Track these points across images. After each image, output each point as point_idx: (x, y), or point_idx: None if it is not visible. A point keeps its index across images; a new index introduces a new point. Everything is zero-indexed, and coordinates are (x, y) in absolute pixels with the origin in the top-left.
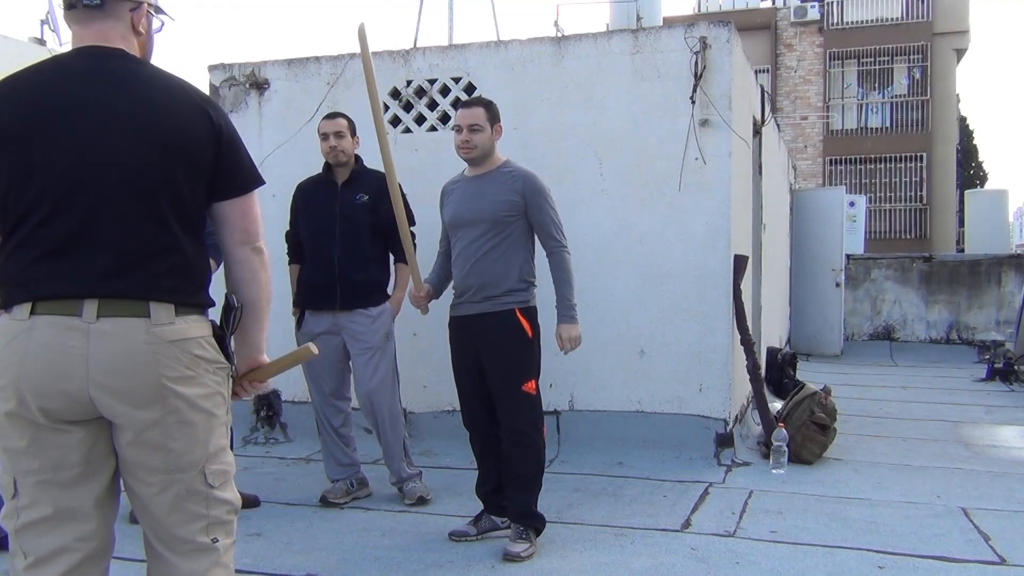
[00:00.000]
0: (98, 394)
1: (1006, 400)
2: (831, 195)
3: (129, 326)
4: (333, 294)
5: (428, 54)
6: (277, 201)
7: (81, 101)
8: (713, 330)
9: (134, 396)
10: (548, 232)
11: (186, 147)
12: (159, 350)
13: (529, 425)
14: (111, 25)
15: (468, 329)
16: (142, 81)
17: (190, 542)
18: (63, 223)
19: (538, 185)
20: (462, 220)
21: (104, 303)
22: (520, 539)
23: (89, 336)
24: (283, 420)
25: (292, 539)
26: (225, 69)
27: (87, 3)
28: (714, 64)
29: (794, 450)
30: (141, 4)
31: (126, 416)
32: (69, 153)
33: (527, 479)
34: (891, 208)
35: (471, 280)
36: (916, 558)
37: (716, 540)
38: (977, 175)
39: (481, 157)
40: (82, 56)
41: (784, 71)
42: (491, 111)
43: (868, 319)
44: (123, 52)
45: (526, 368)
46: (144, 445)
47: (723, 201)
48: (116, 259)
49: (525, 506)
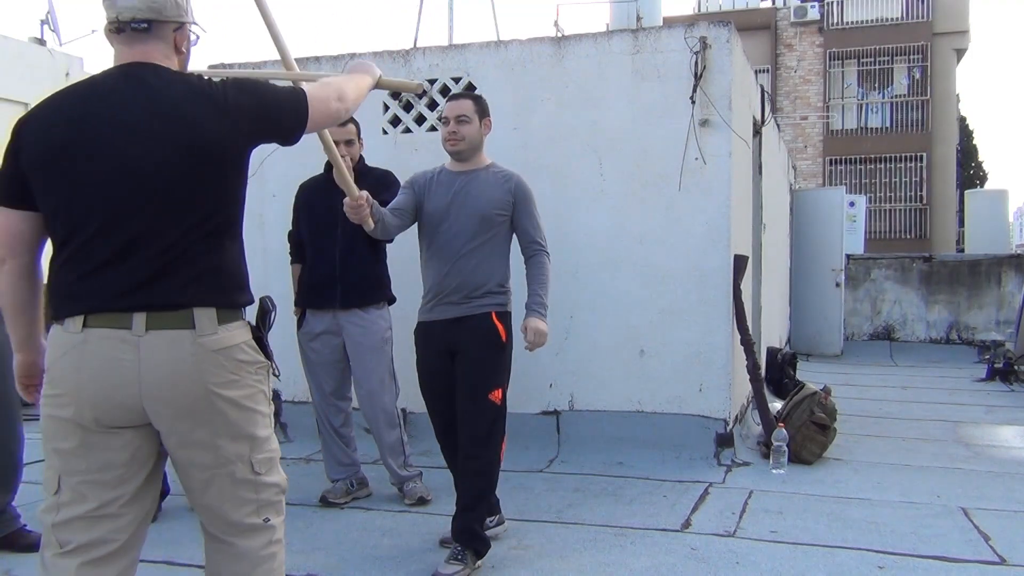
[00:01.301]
0: (150, 403)
1: (1006, 400)
2: (831, 195)
3: (176, 338)
4: (334, 293)
5: (428, 54)
6: (278, 201)
7: (121, 122)
8: (713, 330)
9: (183, 403)
10: (532, 236)
11: (220, 153)
12: (204, 359)
13: (485, 436)
14: (155, 46)
15: (442, 333)
16: (179, 99)
17: (244, 524)
18: (109, 238)
19: (528, 187)
20: (448, 213)
21: (152, 315)
22: (455, 560)
23: (140, 349)
24: (283, 420)
25: (292, 539)
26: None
27: (135, 27)
28: (714, 64)
29: (794, 450)
30: (184, 24)
31: (176, 422)
32: (112, 171)
33: (473, 497)
34: (891, 208)
35: (451, 280)
36: (916, 558)
37: (716, 540)
38: (977, 175)
39: (468, 151)
40: (122, 76)
41: (784, 71)
42: (479, 104)
43: (868, 319)
44: (157, 68)
45: (496, 375)
46: (193, 446)
47: (723, 201)
48: (159, 270)
49: (467, 525)
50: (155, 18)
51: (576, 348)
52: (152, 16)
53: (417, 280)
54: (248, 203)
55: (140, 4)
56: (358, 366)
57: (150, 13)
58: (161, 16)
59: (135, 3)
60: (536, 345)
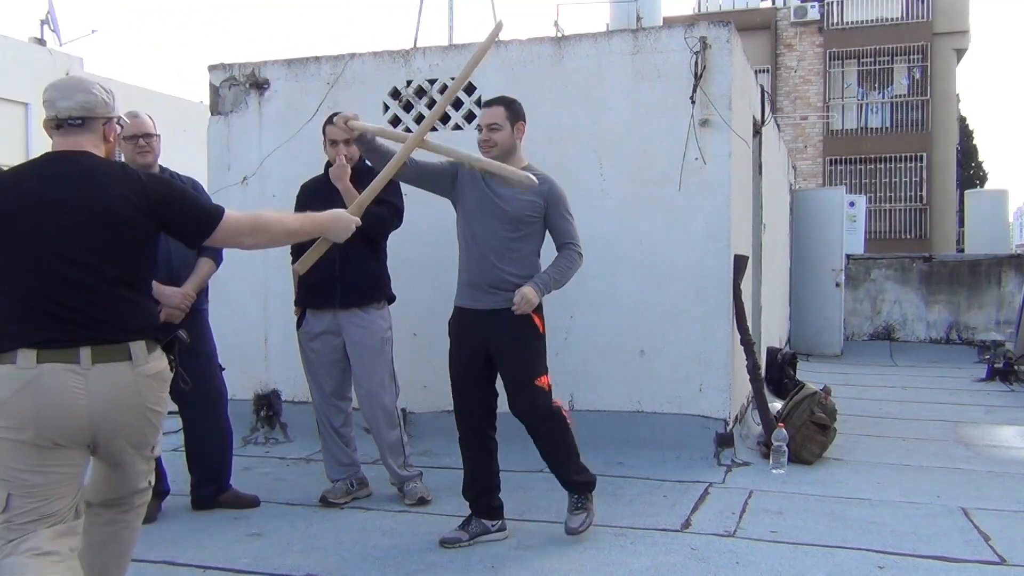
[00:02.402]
0: (99, 422)
1: (1006, 400)
2: (831, 195)
3: (118, 369)
4: (333, 293)
5: (428, 54)
6: (277, 201)
7: (44, 198)
8: (713, 330)
9: (124, 420)
10: (566, 237)
11: (133, 222)
12: (141, 384)
13: (546, 417)
14: (87, 138)
15: (477, 323)
16: (91, 174)
17: (139, 488)
18: (48, 289)
19: (560, 190)
20: (483, 212)
21: (96, 349)
22: (577, 510)
23: (89, 379)
24: (283, 420)
25: (292, 539)
26: (225, 69)
27: (71, 123)
28: (714, 64)
29: (794, 450)
30: (111, 119)
31: (116, 435)
32: (41, 237)
33: (561, 453)
34: (891, 208)
35: (485, 275)
36: (916, 558)
37: (716, 540)
38: (977, 175)
39: (501, 156)
40: (54, 161)
41: (784, 71)
42: (512, 110)
43: (868, 319)
44: (85, 154)
45: (538, 364)
46: (124, 444)
47: (723, 201)
48: (96, 313)
49: (568, 478)
50: (87, 115)
51: (576, 348)
52: (85, 114)
53: (417, 281)
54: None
55: (75, 104)
56: (358, 366)
57: (83, 112)
58: (92, 114)
59: (71, 104)
60: (519, 309)
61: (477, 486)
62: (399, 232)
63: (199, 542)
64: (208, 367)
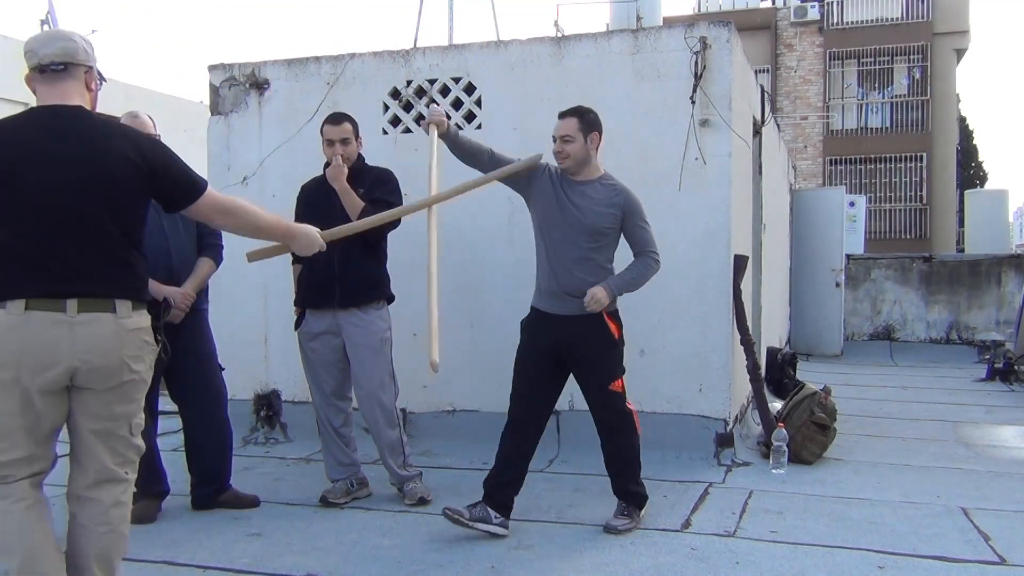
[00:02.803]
0: (83, 367)
1: (1006, 400)
2: (831, 195)
3: (101, 319)
4: (332, 292)
5: (428, 54)
6: (277, 201)
7: (50, 153)
8: (713, 330)
9: (103, 364)
10: (646, 244)
11: (125, 180)
12: (123, 336)
13: (619, 420)
14: (72, 85)
15: (552, 327)
16: (93, 131)
17: (113, 473)
18: (41, 242)
19: (637, 201)
20: (562, 221)
21: (82, 301)
22: (622, 515)
23: (73, 327)
24: (283, 420)
25: (292, 539)
26: (225, 69)
27: (54, 68)
28: (714, 64)
29: (794, 450)
30: (92, 68)
31: (98, 381)
32: (44, 192)
33: (622, 466)
34: (891, 208)
35: (562, 283)
36: (916, 558)
37: (716, 540)
38: (977, 175)
39: (575, 166)
40: (53, 116)
41: (784, 71)
42: (585, 121)
43: (868, 319)
44: (79, 110)
45: (614, 369)
46: (97, 406)
47: (723, 201)
48: (87, 268)
49: (623, 487)
50: (69, 61)
51: None
52: (67, 59)
53: (417, 281)
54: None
55: (56, 50)
56: (357, 366)
57: (65, 57)
58: (74, 59)
59: (52, 50)
60: (589, 307)
61: (501, 478)
62: (399, 233)
63: (199, 542)
64: (208, 367)
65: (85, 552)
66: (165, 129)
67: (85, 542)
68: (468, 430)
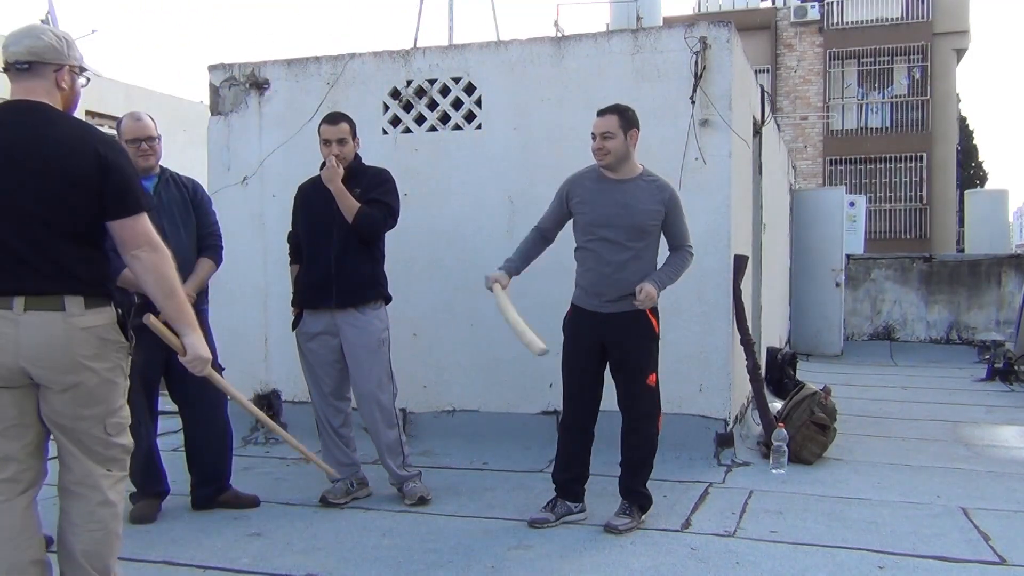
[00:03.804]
0: (29, 367)
1: (1006, 400)
2: (831, 195)
3: (48, 318)
4: (329, 292)
5: (428, 54)
6: (277, 201)
7: (10, 149)
8: (713, 330)
9: (53, 366)
10: (680, 240)
11: (78, 179)
12: (74, 335)
13: (646, 415)
14: (38, 83)
15: (596, 324)
16: (50, 128)
17: (95, 473)
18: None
19: (677, 195)
20: (606, 222)
21: (30, 299)
22: (623, 514)
23: (19, 325)
24: (283, 420)
25: (292, 539)
26: (225, 69)
27: (18, 67)
28: (714, 64)
29: (794, 450)
30: (63, 66)
31: (51, 381)
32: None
33: (637, 463)
34: (891, 208)
35: (609, 284)
36: (916, 558)
37: (716, 540)
38: (977, 175)
39: (616, 163)
40: (11, 111)
41: (784, 71)
42: (625, 118)
43: (868, 319)
44: (41, 105)
45: (651, 362)
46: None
47: (723, 201)
48: (35, 265)
49: (632, 486)
50: (34, 60)
51: None
52: (31, 58)
53: (416, 281)
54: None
55: (22, 49)
56: (355, 367)
57: (30, 56)
58: (40, 58)
59: (18, 49)
60: (643, 305)
61: (569, 471)
62: (398, 232)
63: (199, 542)
64: None
65: (74, 549)
66: (165, 129)
67: (73, 539)
68: (468, 430)
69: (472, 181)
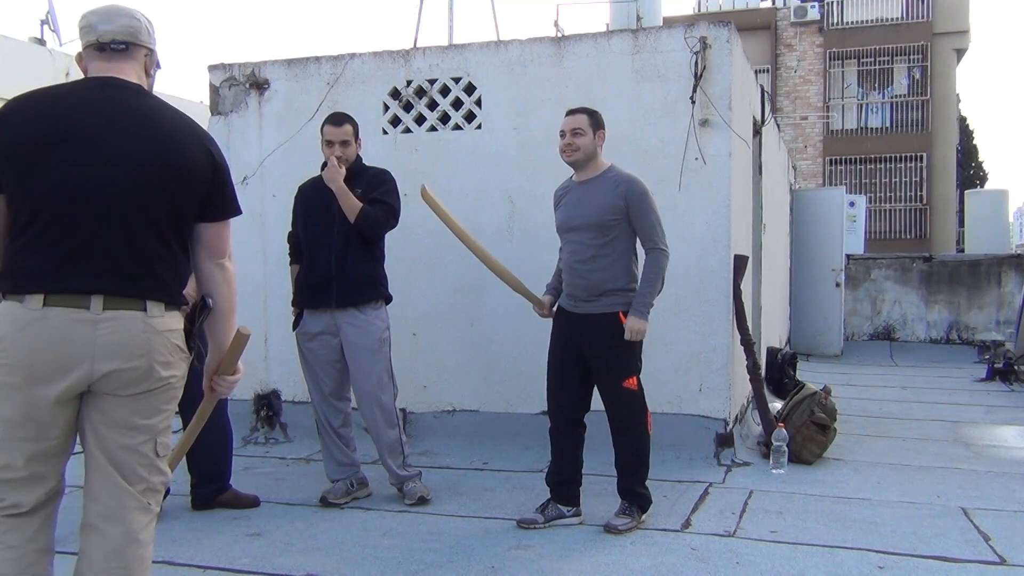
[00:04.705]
0: (104, 369)
1: (1006, 400)
2: (831, 195)
3: (129, 318)
4: (330, 292)
5: (428, 54)
6: (277, 201)
7: (104, 125)
8: (713, 330)
9: (132, 373)
10: (647, 234)
11: (186, 174)
12: (152, 338)
13: (630, 416)
14: (131, 67)
15: (573, 325)
16: (156, 114)
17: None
18: (77, 228)
19: (640, 188)
20: (569, 224)
21: (109, 299)
22: (623, 514)
23: (97, 326)
24: (283, 420)
25: (292, 539)
26: (225, 69)
27: (115, 47)
28: (714, 64)
29: (794, 450)
30: (153, 51)
31: (122, 387)
32: (89, 167)
33: (631, 464)
34: (891, 208)
35: (578, 283)
36: (916, 558)
37: (716, 540)
38: (977, 175)
39: (584, 160)
40: (107, 86)
41: (784, 71)
42: (594, 119)
43: (868, 319)
44: (140, 87)
45: (627, 367)
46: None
47: (723, 201)
48: (121, 264)
49: (629, 487)
50: (131, 40)
51: None
52: (129, 39)
53: (416, 281)
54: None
55: (118, 28)
56: (356, 367)
57: (127, 36)
58: (136, 40)
59: (113, 28)
60: (634, 338)
61: (561, 474)
62: (399, 232)
63: (199, 542)
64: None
65: None
66: None
67: None
68: (468, 430)
69: (472, 181)
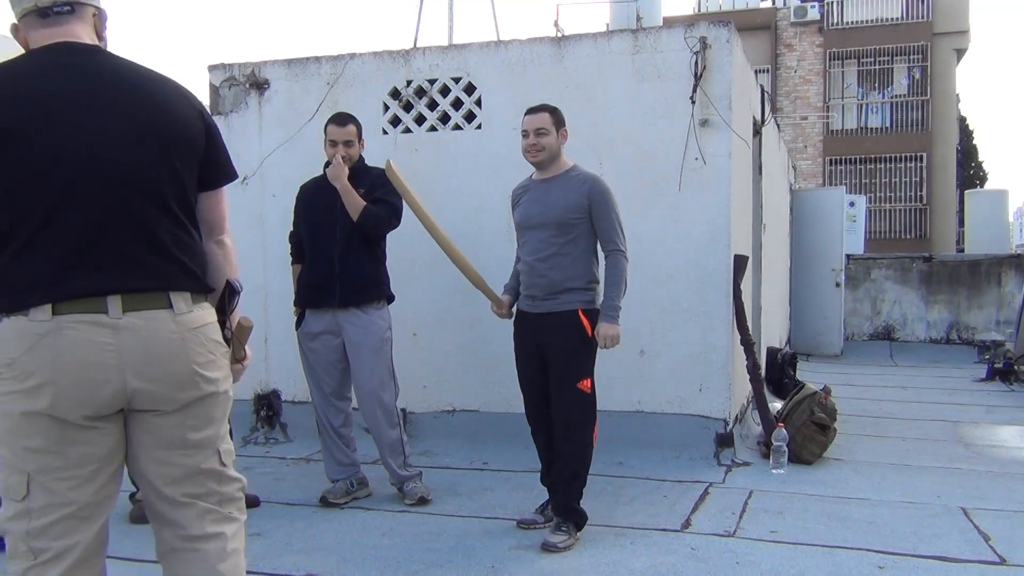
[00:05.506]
0: (139, 383)
1: (1006, 400)
2: (831, 195)
3: (156, 318)
4: (332, 292)
5: (428, 54)
6: (277, 201)
7: (75, 94)
8: (713, 330)
9: (172, 383)
10: (607, 236)
11: (184, 141)
12: (187, 336)
13: (578, 422)
14: (82, 27)
15: (533, 326)
16: (135, 77)
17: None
18: (77, 222)
19: (603, 188)
20: (530, 222)
21: (127, 298)
22: (559, 531)
23: (119, 331)
24: (283, 420)
25: (292, 539)
26: (225, 69)
27: (58, 9)
28: (714, 64)
29: (794, 450)
30: (101, 10)
31: (163, 400)
32: (74, 150)
33: (568, 477)
34: (891, 208)
35: (537, 281)
36: (916, 558)
37: (716, 540)
38: (977, 175)
39: (548, 160)
40: (67, 52)
41: (784, 71)
42: (556, 116)
43: (868, 319)
44: (102, 48)
45: (583, 367)
46: (176, 428)
47: (723, 201)
48: (134, 254)
49: (565, 502)
50: (75, 0)
51: None
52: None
53: (417, 281)
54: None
55: None
56: (357, 366)
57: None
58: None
59: None
60: (607, 345)
61: (551, 476)
62: (399, 232)
63: None
64: None
65: None
66: None
67: None
68: (468, 430)
69: (472, 181)
